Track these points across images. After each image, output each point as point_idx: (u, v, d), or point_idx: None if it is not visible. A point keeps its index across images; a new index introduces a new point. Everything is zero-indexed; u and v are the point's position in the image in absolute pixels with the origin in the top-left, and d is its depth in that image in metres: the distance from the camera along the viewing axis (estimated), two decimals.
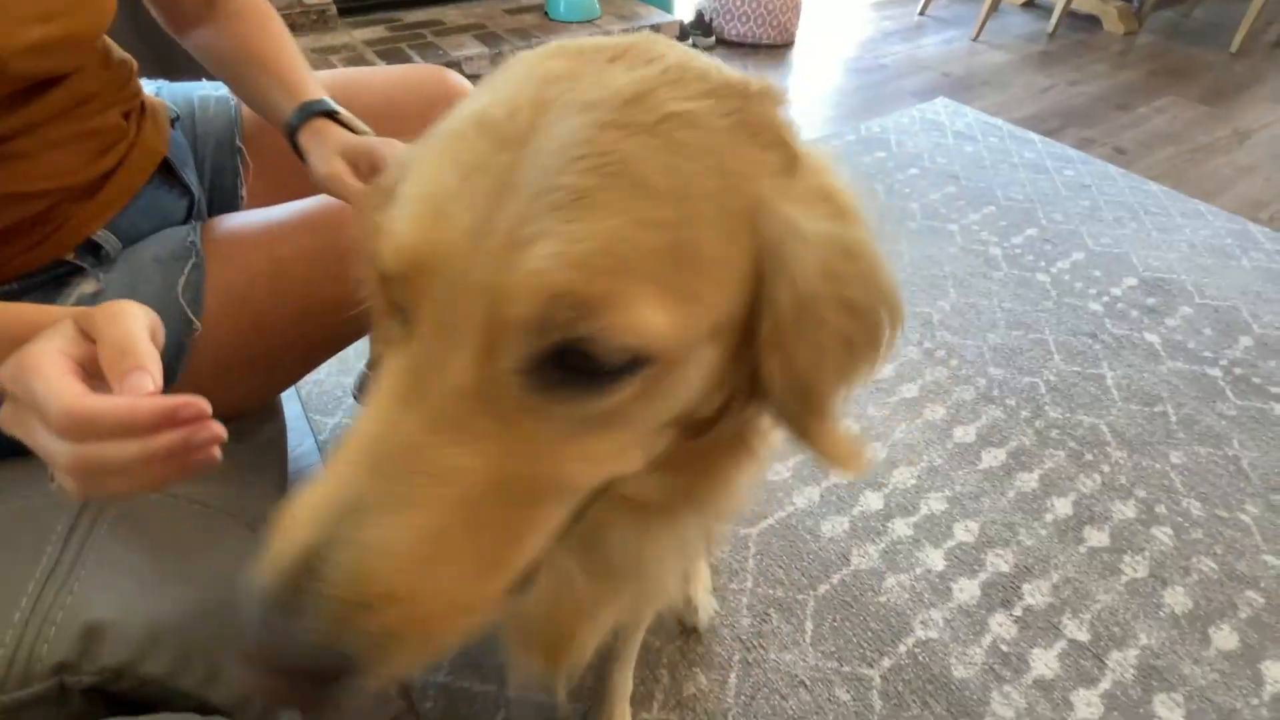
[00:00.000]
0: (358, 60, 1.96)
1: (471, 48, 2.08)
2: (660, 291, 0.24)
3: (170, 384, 0.60)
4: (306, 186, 0.76)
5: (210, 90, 0.78)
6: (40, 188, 0.55)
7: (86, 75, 0.57)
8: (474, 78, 2.07)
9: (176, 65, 0.78)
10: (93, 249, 0.61)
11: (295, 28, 2.05)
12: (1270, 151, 2.06)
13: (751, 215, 0.27)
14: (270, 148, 0.77)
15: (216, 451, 0.35)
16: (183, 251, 0.62)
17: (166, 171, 0.69)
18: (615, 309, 0.24)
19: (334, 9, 2.12)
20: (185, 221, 0.70)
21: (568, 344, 0.24)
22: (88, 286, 0.59)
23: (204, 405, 0.34)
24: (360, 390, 1.05)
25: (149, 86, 0.77)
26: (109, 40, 0.62)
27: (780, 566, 0.94)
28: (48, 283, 0.59)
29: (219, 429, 0.35)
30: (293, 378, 0.70)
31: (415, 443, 0.24)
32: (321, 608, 0.22)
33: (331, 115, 0.66)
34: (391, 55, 2.01)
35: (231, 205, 0.77)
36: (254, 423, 0.69)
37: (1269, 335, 1.36)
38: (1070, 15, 2.87)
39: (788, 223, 0.27)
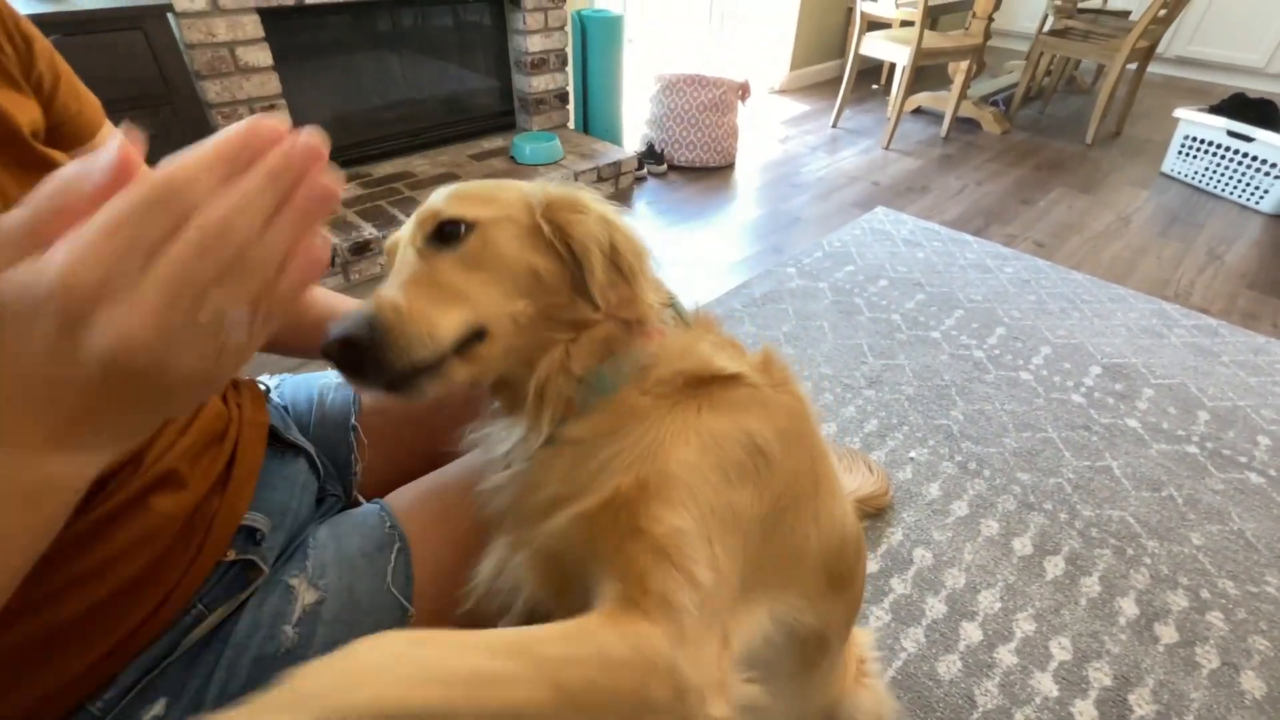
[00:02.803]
0: (341, 224, 1.96)
1: None
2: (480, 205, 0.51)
3: None
4: (417, 453, 0.79)
5: (332, 378, 0.80)
6: (189, 502, 0.54)
7: None
8: None
9: None
10: (249, 535, 0.60)
11: None
12: (1151, 232, 2.44)
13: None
14: (381, 421, 0.78)
15: (331, 179, 0.27)
16: (386, 540, 0.62)
17: (274, 439, 0.68)
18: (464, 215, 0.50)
19: None
20: (317, 479, 0.70)
21: (442, 224, 0.50)
22: (309, 596, 0.57)
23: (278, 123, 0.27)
24: None
25: (271, 380, 0.77)
26: None
27: None
28: (228, 590, 0.56)
29: (315, 138, 0.27)
30: None
31: (408, 269, 0.49)
32: (362, 313, 0.45)
33: None
34: (374, 215, 2.02)
35: (345, 479, 0.77)
36: None
37: (1219, 407, 1.59)
38: (955, 119, 3.32)
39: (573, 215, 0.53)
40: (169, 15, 1.46)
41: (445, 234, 0.51)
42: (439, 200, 0.52)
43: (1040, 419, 1.54)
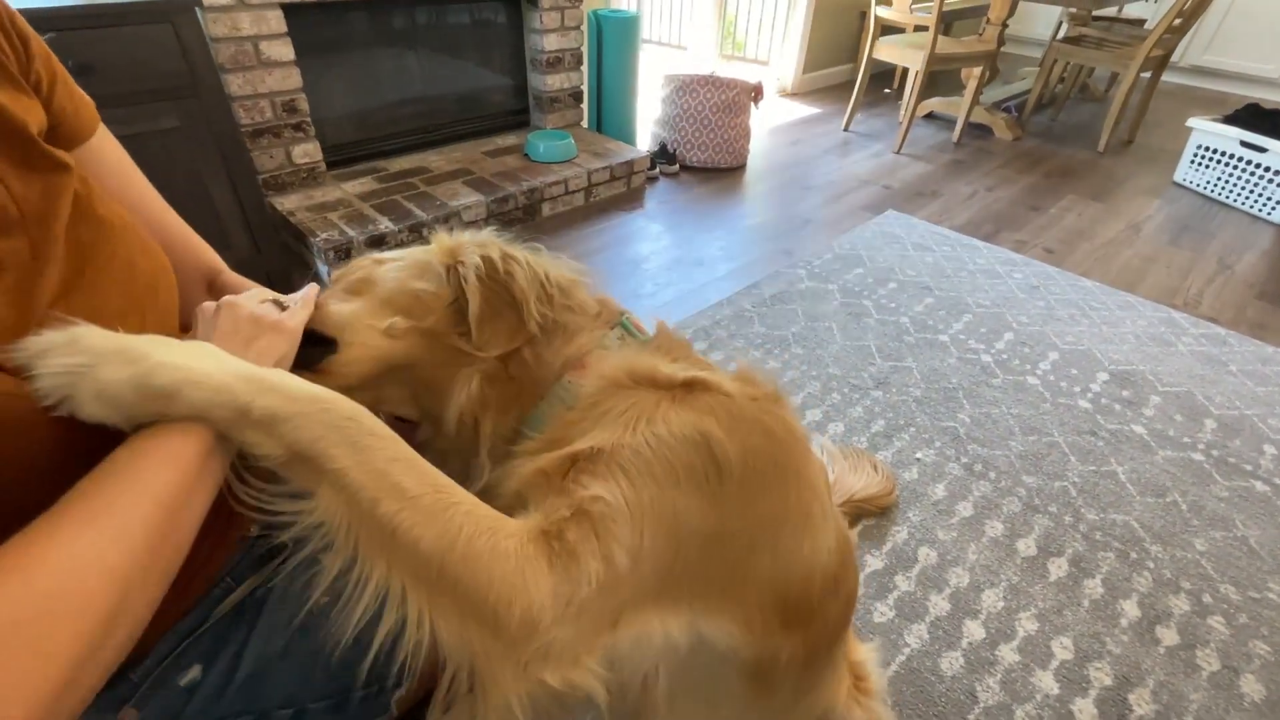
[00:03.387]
0: (357, 217, 1.99)
1: (466, 196, 2.16)
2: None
3: None
4: None
5: None
6: None
7: None
8: (472, 225, 2.13)
9: None
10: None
11: (286, 186, 2.06)
12: (1161, 241, 2.45)
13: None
14: None
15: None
16: None
17: None
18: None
19: (323, 165, 2.15)
20: None
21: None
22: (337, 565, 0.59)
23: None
24: None
25: None
26: None
27: (919, 715, 0.98)
28: (253, 564, 0.59)
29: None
30: None
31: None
32: None
33: None
34: (390, 209, 2.05)
35: None
36: None
37: (1225, 415, 1.60)
38: (967, 125, 3.33)
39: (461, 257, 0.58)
40: (196, 9, 1.49)
41: None
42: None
43: (1046, 423, 1.55)
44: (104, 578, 0.34)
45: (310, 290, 0.57)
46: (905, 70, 4.16)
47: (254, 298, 0.53)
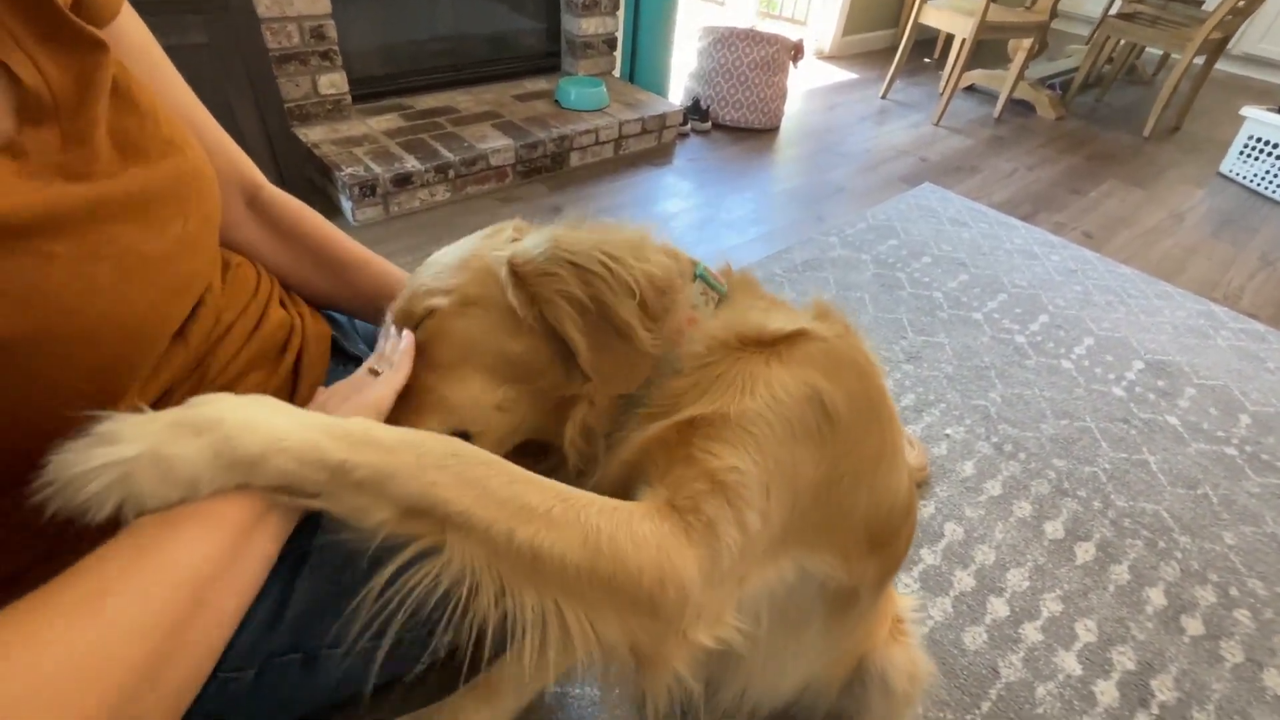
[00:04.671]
0: (383, 154, 1.93)
1: (495, 139, 2.09)
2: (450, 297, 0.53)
3: None
4: None
5: None
6: None
7: (215, 293, 0.55)
8: (499, 170, 2.07)
9: None
10: None
11: (311, 117, 2.00)
12: (1204, 232, 2.38)
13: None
14: None
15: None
16: None
17: (336, 350, 0.68)
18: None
19: (349, 98, 2.08)
20: None
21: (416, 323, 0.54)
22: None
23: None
24: None
25: None
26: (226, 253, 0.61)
27: (940, 686, 0.98)
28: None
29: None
30: None
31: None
32: None
33: None
34: (415, 147, 1.99)
35: None
36: None
37: (1261, 412, 1.57)
38: (1010, 100, 3.22)
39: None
40: None
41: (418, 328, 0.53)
42: (418, 288, 0.53)
43: (1079, 408, 1.52)
44: (102, 680, 0.29)
45: (403, 353, 0.52)
46: (948, 39, 4.01)
47: (354, 376, 0.52)
